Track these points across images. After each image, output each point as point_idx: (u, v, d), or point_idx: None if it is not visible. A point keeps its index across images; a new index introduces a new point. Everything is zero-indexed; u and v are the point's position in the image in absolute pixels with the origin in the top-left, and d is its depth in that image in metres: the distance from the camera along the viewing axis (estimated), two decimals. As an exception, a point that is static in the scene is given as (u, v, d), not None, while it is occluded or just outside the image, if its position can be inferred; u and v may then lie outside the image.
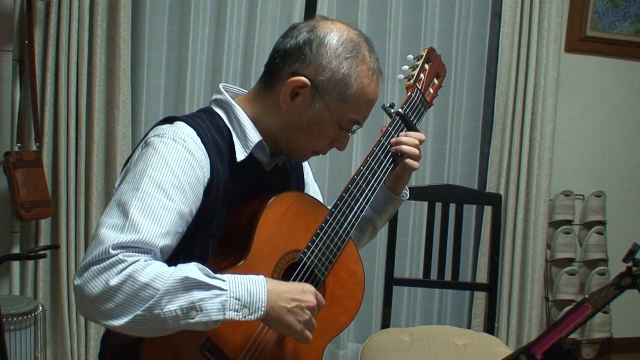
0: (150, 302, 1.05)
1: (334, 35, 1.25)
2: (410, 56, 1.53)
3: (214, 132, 1.26)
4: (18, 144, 2.44)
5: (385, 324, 2.30)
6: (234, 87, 1.38)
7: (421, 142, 1.43)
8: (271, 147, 1.34)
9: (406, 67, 1.51)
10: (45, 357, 2.47)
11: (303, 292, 1.18)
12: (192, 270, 1.09)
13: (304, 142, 1.31)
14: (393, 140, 1.41)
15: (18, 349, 2.26)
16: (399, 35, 2.92)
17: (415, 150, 1.41)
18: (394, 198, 1.51)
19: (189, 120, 1.26)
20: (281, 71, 1.27)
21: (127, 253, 1.07)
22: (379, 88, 1.30)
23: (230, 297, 1.09)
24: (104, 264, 1.06)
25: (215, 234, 1.26)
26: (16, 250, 2.51)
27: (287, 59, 1.26)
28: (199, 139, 1.23)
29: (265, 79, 1.31)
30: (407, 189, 1.55)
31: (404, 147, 1.40)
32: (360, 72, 1.26)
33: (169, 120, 1.27)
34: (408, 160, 1.40)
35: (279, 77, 1.27)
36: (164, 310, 1.06)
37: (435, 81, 1.54)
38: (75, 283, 1.07)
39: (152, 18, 2.67)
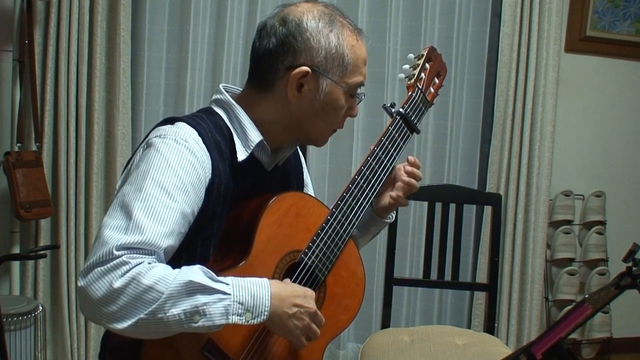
0: (153, 306, 1.05)
1: (308, 16, 1.27)
2: (411, 55, 1.53)
3: (215, 132, 1.26)
4: (18, 144, 2.44)
5: (385, 324, 2.30)
6: (234, 87, 1.38)
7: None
8: (278, 145, 1.34)
9: (407, 66, 1.51)
10: (45, 357, 2.47)
11: (305, 297, 1.18)
12: (196, 273, 1.09)
13: (323, 125, 1.33)
14: (409, 169, 1.44)
15: (18, 349, 2.26)
16: (399, 35, 2.92)
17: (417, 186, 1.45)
18: (378, 220, 1.51)
19: (190, 120, 1.26)
20: (276, 71, 1.27)
21: (131, 255, 1.07)
22: (364, 45, 1.33)
23: (233, 301, 1.09)
24: (108, 265, 1.05)
25: (217, 233, 1.26)
26: (16, 250, 2.51)
27: (277, 57, 1.26)
28: (200, 139, 1.23)
29: (255, 82, 1.31)
30: (394, 212, 1.55)
31: (412, 182, 1.43)
32: (346, 37, 1.28)
33: (170, 121, 1.27)
34: (402, 199, 1.43)
35: (275, 76, 1.27)
36: (167, 314, 1.06)
37: (436, 80, 1.54)
38: (79, 284, 1.07)
39: (152, 18, 2.67)
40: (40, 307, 2.37)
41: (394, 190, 1.44)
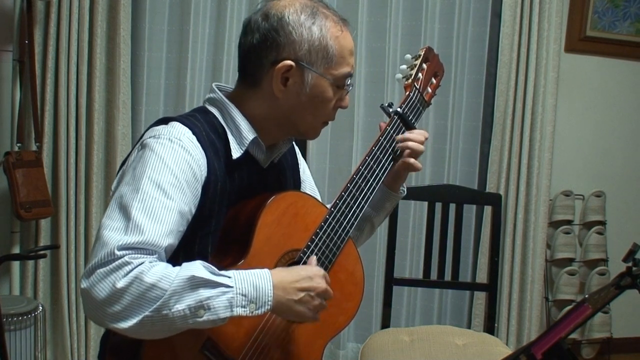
0: (158, 303, 1.05)
1: (290, 10, 1.26)
2: (408, 55, 1.53)
3: (209, 131, 1.27)
4: (18, 144, 2.44)
5: (385, 324, 2.30)
6: (227, 86, 1.38)
7: (425, 139, 1.44)
8: (272, 141, 1.34)
9: (404, 66, 1.51)
10: (45, 357, 2.47)
11: (310, 279, 1.18)
12: (198, 268, 1.09)
13: (312, 118, 1.32)
14: (399, 137, 1.42)
15: (18, 349, 2.26)
16: (399, 35, 2.92)
17: (422, 147, 1.42)
18: (391, 195, 1.51)
19: (184, 120, 1.26)
20: (261, 66, 1.27)
21: (133, 255, 1.07)
22: (350, 35, 1.31)
23: (236, 293, 1.10)
24: (110, 266, 1.06)
25: (214, 231, 1.27)
26: (16, 250, 2.52)
27: (261, 52, 1.26)
28: (194, 137, 1.23)
29: (245, 79, 1.31)
30: (405, 186, 1.55)
31: (411, 144, 1.41)
32: (330, 28, 1.27)
33: (164, 121, 1.27)
34: (412, 161, 1.41)
35: (261, 72, 1.27)
36: (172, 310, 1.06)
37: (434, 80, 1.55)
38: (82, 286, 1.07)
39: (152, 18, 2.67)
40: (40, 307, 2.37)
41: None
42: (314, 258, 1.25)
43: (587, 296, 1.04)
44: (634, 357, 3.37)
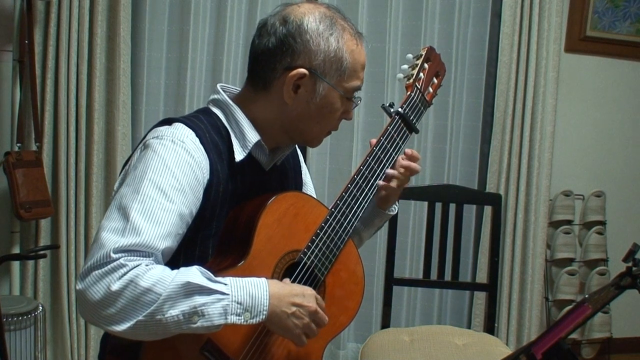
0: (152, 308, 1.05)
1: (310, 18, 1.26)
2: (410, 55, 1.53)
3: (212, 133, 1.26)
4: (18, 144, 2.44)
5: (385, 324, 2.30)
6: (232, 87, 1.38)
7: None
8: (275, 145, 1.34)
9: (406, 66, 1.51)
10: (45, 357, 2.47)
11: (303, 296, 1.18)
12: (194, 274, 1.09)
13: (318, 128, 1.32)
14: (405, 164, 1.43)
15: (18, 349, 2.26)
16: (399, 35, 2.92)
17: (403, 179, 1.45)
18: (381, 212, 1.52)
19: (188, 121, 1.26)
20: (273, 70, 1.26)
21: (129, 257, 1.07)
22: (364, 49, 1.32)
23: (232, 301, 1.09)
24: (106, 268, 1.06)
25: (215, 233, 1.26)
26: (16, 250, 2.52)
27: (275, 57, 1.26)
28: (197, 140, 1.23)
29: (254, 81, 1.31)
30: (397, 204, 1.56)
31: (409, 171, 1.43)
32: (346, 41, 1.27)
33: (167, 121, 1.27)
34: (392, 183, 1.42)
35: (272, 76, 1.27)
36: (166, 315, 1.06)
37: (435, 80, 1.54)
38: (77, 287, 1.07)
39: (152, 18, 2.67)
40: (40, 307, 2.37)
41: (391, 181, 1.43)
42: (287, 280, 1.24)
43: (587, 296, 1.04)
44: (634, 357, 3.38)
